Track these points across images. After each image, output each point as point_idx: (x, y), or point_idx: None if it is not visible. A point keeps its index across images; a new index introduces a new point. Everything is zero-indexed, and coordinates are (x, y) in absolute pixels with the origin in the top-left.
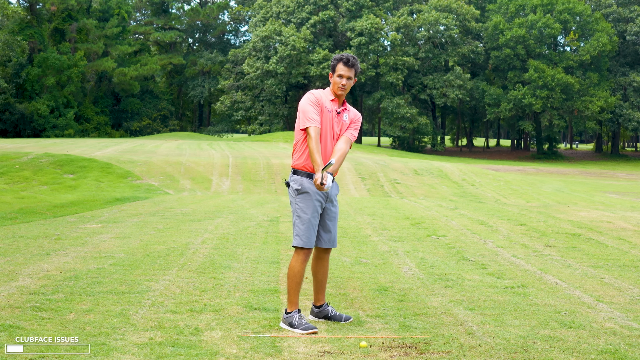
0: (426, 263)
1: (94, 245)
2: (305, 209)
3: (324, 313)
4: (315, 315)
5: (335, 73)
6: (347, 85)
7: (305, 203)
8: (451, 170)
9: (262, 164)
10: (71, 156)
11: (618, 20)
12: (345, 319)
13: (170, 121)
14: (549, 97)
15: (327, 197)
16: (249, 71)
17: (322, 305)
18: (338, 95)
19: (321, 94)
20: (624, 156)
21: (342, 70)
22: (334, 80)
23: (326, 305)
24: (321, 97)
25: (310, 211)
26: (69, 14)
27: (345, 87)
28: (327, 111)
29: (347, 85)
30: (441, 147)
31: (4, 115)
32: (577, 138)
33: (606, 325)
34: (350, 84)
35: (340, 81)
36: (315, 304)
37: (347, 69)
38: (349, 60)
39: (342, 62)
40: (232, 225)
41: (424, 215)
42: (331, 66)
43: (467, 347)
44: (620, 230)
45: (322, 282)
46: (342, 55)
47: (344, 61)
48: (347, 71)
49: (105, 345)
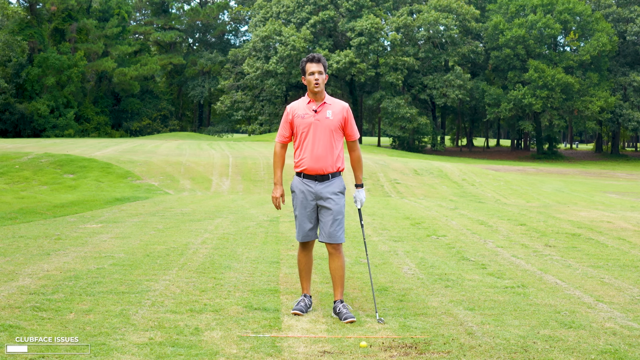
0: (426, 263)
1: (94, 245)
2: (295, 206)
3: (335, 310)
4: (332, 311)
5: (306, 73)
6: (320, 79)
7: (294, 201)
8: (451, 170)
9: (262, 164)
10: (71, 156)
11: (618, 21)
12: (345, 317)
13: (170, 121)
14: (549, 97)
15: (317, 195)
16: (249, 71)
17: (335, 302)
18: (315, 93)
19: (295, 104)
20: (624, 156)
21: (312, 67)
22: (307, 80)
23: (339, 302)
24: (294, 107)
25: (298, 209)
26: (69, 14)
27: (318, 81)
28: (300, 117)
29: (320, 80)
30: (441, 147)
31: (4, 115)
32: (577, 138)
33: (606, 325)
34: (323, 79)
35: (312, 78)
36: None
37: (315, 64)
38: (314, 57)
39: (309, 61)
40: (232, 225)
41: (424, 215)
42: (301, 70)
43: (467, 347)
44: (620, 230)
45: (335, 278)
46: (308, 56)
47: (310, 59)
48: (316, 66)
49: (105, 345)
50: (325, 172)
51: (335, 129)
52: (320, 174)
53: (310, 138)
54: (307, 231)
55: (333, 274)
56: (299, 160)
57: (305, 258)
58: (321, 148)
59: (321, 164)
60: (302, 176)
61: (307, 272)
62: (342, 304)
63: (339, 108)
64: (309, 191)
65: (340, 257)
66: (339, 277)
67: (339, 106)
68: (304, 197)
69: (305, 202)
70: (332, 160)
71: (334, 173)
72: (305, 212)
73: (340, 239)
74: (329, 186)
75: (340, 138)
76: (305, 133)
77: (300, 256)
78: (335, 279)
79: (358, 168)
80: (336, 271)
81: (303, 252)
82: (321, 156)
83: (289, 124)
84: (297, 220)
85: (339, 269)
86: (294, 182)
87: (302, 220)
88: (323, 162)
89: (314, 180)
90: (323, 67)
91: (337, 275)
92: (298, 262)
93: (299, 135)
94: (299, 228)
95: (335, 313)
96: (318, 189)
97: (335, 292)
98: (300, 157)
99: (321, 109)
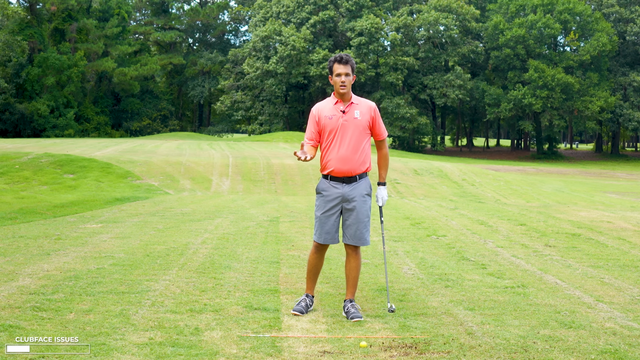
0: (426, 263)
1: (94, 245)
2: (318, 206)
3: (345, 309)
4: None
5: (333, 74)
6: (347, 81)
7: (319, 202)
8: (451, 170)
9: (262, 164)
10: (71, 156)
11: (618, 21)
12: (352, 317)
13: (170, 121)
14: (549, 97)
15: (343, 198)
16: (249, 71)
17: (345, 300)
18: (341, 94)
19: (322, 105)
20: (624, 156)
21: (339, 68)
22: (334, 80)
23: (348, 301)
24: (320, 108)
25: (321, 210)
26: (69, 14)
27: (345, 84)
28: (328, 118)
29: (346, 82)
30: (441, 147)
31: (4, 115)
32: (577, 138)
33: (606, 325)
34: (350, 80)
35: (339, 80)
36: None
37: (343, 66)
38: (342, 58)
39: (336, 62)
40: (232, 225)
41: (424, 215)
42: (328, 68)
43: (467, 347)
44: (620, 230)
45: (348, 278)
46: (336, 56)
47: (338, 60)
48: (344, 68)
49: (105, 345)
50: (353, 174)
51: (363, 129)
52: (348, 175)
53: (337, 139)
54: (328, 233)
55: (348, 273)
56: (325, 162)
57: (317, 260)
58: (349, 149)
59: (349, 166)
60: (330, 178)
61: (314, 274)
62: (351, 303)
63: (366, 108)
64: (337, 193)
65: (358, 258)
66: (353, 277)
67: (365, 106)
68: (330, 199)
69: (331, 204)
70: (360, 161)
71: (361, 174)
72: (328, 214)
73: (367, 242)
74: (356, 188)
75: (367, 138)
76: (333, 134)
77: (312, 257)
78: (349, 278)
79: (384, 166)
80: (351, 271)
81: (316, 253)
82: (349, 157)
83: (316, 125)
84: (318, 220)
85: (354, 269)
86: (321, 184)
87: (324, 222)
88: (350, 163)
89: (341, 182)
90: (351, 69)
91: (352, 275)
92: (308, 263)
93: (326, 137)
94: (319, 229)
95: (345, 312)
96: (345, 190)
97: (347, 291)
98: (327, 159)
99: (349, 109)
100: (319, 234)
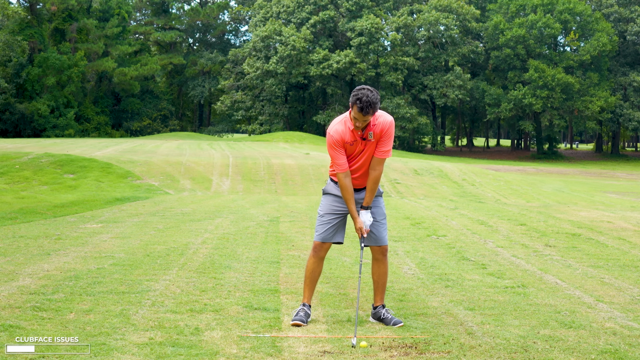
0: (426, 263)
1: (94, 245)
2: (322, 207)
3: (378, 315)
4: (372, 316)
5: (353, 110)
6: (362, 125)
7: (325, 202)
8: (451, 170)
9: (262, 164)
10: (71, 156)
11: (618, 20)
12: (394, 322)
13: (171, 121)
14: (549, 97)
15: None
16: (249, 71)
17: (377, 307)
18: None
19: (341, 129)
20: (624, 156)
21: (357, 115)
22: (352, 117)
23: (381, 307)
24: (341, 135)
25: (325, 210)
26: (69, 14)
27: (359, 127)
28: (349, 144)
29: (361, 126)
30: (441, 147)
31: (4, 115)
32: (577, 138)
33: (606, 325)
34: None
35: (355, 123)
36: (373, 304)
37: (362, 115)
38: (363, 109)
39: (357, 107)
40: (232, 225)
41: (424, 215)
42: (350, 104)
43: (467, 347)
44: (620, 230)
45: (377, 283)
46: (361, 99)
47: (361, 108)
48: (362, 117)
49: (105, 345)
50: (364, 186)
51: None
52: (357, 188)
53: (354, 161)
54: (329, 233)
55: (377, 279)
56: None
57: (315, 265)
58: (363, 169)
59: (360, 180)
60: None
61: (312, 281)
62: (384, 309)
63: (379, 128)
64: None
65: (386, 262)
66: (383, 282)
67: (379, 126)
68: (336, 203)
69: (337, 207)
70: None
71: None
72: (333, 215)
73: (386, 241)
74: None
75: None
76: (351, 156)
77: (310, 261)
78: (379, 284)
79: (370, 190)
80: (381, 277)
81: (315, 257)
82: (362, 175)
83: (343, 150)
84: (320, 220)
85: (384, 274)
86: (329, 187)
87: (327, 222)
88: (362, 178)
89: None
90: (373, 114)
91: (382, 281)
92: (306, 269)
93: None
94: (321, 228)
95: (377, 318)
96: (356, 196)
97: (378, 297)
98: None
99: (367, 134)
100: (320, 233)
